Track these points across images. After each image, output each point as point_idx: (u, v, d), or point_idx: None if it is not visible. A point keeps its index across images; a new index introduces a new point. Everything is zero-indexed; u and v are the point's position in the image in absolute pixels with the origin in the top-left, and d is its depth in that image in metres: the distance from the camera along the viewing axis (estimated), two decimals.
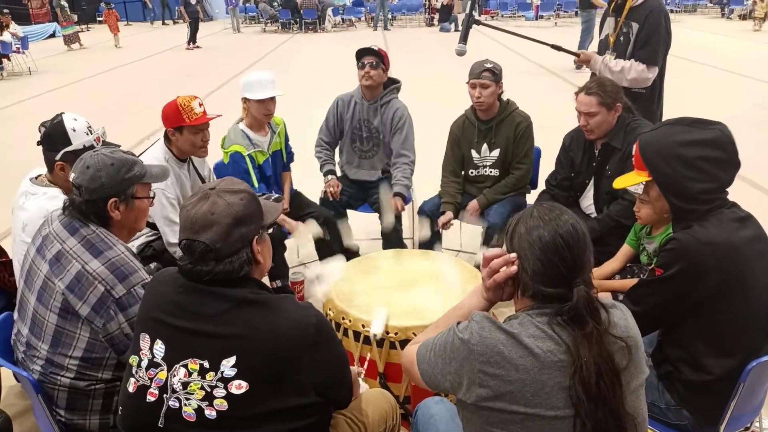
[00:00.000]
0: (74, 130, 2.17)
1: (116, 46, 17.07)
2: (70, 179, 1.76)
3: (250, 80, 3.01)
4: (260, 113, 3.04)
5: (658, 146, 1.67)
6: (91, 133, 2.22)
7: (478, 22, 3.35)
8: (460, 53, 3.19)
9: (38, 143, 2.22)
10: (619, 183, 1.88)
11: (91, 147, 2.17)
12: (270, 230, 1.47)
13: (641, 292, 1.72)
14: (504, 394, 1.16)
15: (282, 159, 3.33)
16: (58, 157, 2.16)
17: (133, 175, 1.81)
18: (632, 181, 1.78)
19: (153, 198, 1.95)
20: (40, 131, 2.21)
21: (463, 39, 3.20)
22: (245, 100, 3.04)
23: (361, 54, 3.24)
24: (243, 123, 3.13)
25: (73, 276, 1.68)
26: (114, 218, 1.79)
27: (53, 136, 2.17)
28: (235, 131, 3.10)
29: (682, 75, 8.68)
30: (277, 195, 3.09)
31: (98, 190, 1.74)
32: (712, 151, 1.60)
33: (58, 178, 2.20)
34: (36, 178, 2.23)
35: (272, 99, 3.05)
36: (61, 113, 2.23)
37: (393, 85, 3.38)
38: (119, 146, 2.29)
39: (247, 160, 3.05)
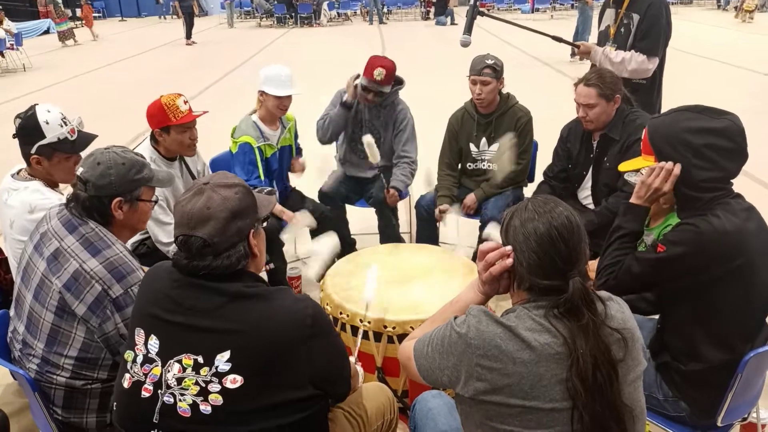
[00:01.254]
0: (47, 123, 2.12)
1: (94, 39, 17.23)
2: (78, 173, 1.74)
3: (270, 74, 2.99)
4: (275, 108, 3.04)
5: (667, 131, 1.66)
6: (66, 125, 2.17)
7: (482, 13, 3.31)
8: (465, 44, 3.17)
9: (13, 136, 2.18)
10: (625, 166, 1.87)
11: (66, 139, 2.15)
12: (265, 223, 1.46)
13: (640, 258, 1.70)
14: (502, 387, 1.16)
15: (291, 154, 3.32)
16: (33, 150, 2.12)
17: (142, 177, 1.80)
18: (639, 164, 1.78)
19: (156, 202, 1.94)
20: (15, 123, 2.16)
21: (468, 30, 3.17)
22: (262, 93, 3.02)
23: (363, 74, 3.13)
24: (256, 115, 3.12)
25: (70, 274, 1.66)
26: (116, 217, 1.77)
27: (27, 129, 2.13)
28: (246, 122, 3.09)
29: (680, 66, 8.66)
30: (269, 188, 3.07)
31: (106, 188, 1.72)
32: (720, 140, 1.60)
33: (36, 171, 2.17)
34: (17, 173, 2.21)
35: (289, 96, 3.03)
36: (35, 105, 2.18)
37: (397, 85, 3.32)
38: (96, 136, 2.27)
39: (256, 152, 3.04)
